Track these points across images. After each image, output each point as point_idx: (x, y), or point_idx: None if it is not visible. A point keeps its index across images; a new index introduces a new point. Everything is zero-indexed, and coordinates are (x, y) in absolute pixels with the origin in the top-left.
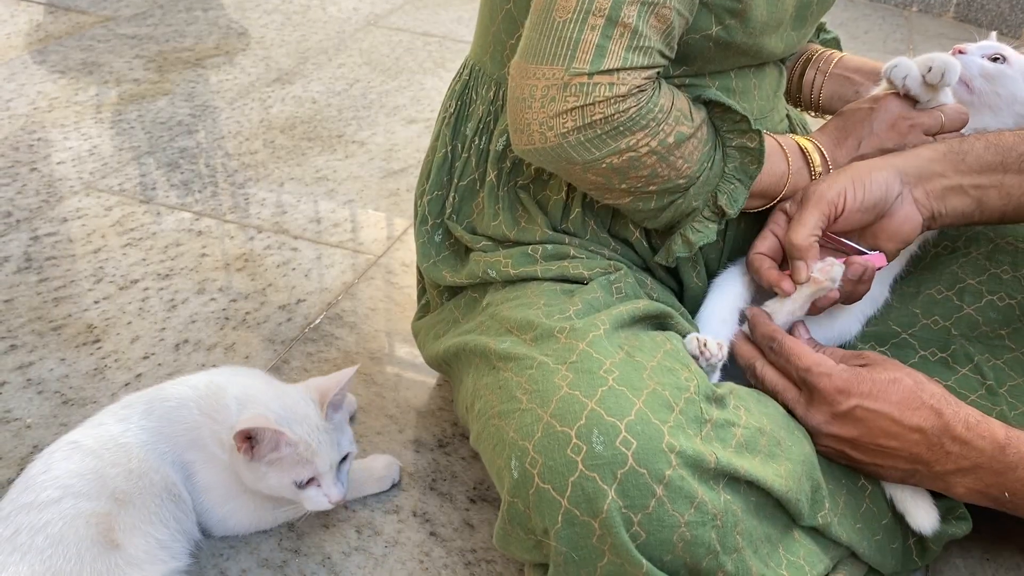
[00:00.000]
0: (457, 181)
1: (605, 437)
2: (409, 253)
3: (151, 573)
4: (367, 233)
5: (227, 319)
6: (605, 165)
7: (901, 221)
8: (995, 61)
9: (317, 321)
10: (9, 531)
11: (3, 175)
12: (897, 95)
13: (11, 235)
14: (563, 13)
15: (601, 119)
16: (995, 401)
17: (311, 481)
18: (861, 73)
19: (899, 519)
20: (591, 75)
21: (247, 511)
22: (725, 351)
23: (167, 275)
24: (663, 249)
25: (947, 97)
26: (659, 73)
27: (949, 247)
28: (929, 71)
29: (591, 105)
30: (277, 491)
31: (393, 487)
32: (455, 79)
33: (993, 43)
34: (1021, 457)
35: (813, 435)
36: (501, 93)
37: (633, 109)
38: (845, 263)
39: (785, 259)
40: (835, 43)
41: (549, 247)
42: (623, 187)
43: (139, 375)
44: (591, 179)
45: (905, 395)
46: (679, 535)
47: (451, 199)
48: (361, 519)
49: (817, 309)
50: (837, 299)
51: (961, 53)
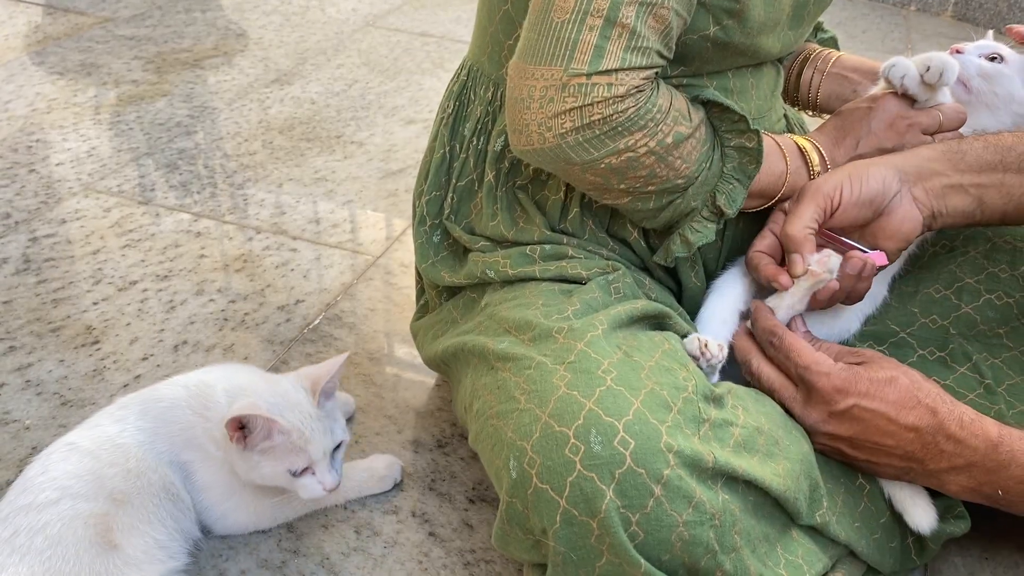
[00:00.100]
0: (455, 182)
1: (603, 437)
2: (408, 254)
3: (149, 573)
4: (366, 234)
5: (226, 320)
6: (604, 165)
7: (901, 219)
8: (992, 60)
9: (316, 322)
10: (8, 532)
11: (2, 177)
12: (895, 94)
13: (10, 236)
14: (561, 14)
15: (599, 119)
16: (993, 400)
17: (305, 470)
18: (859, 72)
19: (898, 518)
20: (589, 76)
21: (246, 509)
22: (725, 352)
23: (166, 276)
24: (661, 249)
25: (945, 96)
26: (657, 73)
27: (947, 246)
28: (927, 70)
29: (589, 106)
30: (271, 480)
31: (394, 487)
32: (453, 80)
33: (990, 43)
34: (1013, 455)
35: (809, 432)
36: (499, 94)
37: (631, 109)
38: (844, 259)
39: (784, 257)
40: (832, 42)
41: (547, 247)
42: (622, 187)
43: (138, 376)
44: (590, 179)
45: (901, 394)
46: (677, 535)
47: (449, 199)
48: (360, 519)
49: (818, 302)
50: (836, 290)
51: (959, 53)
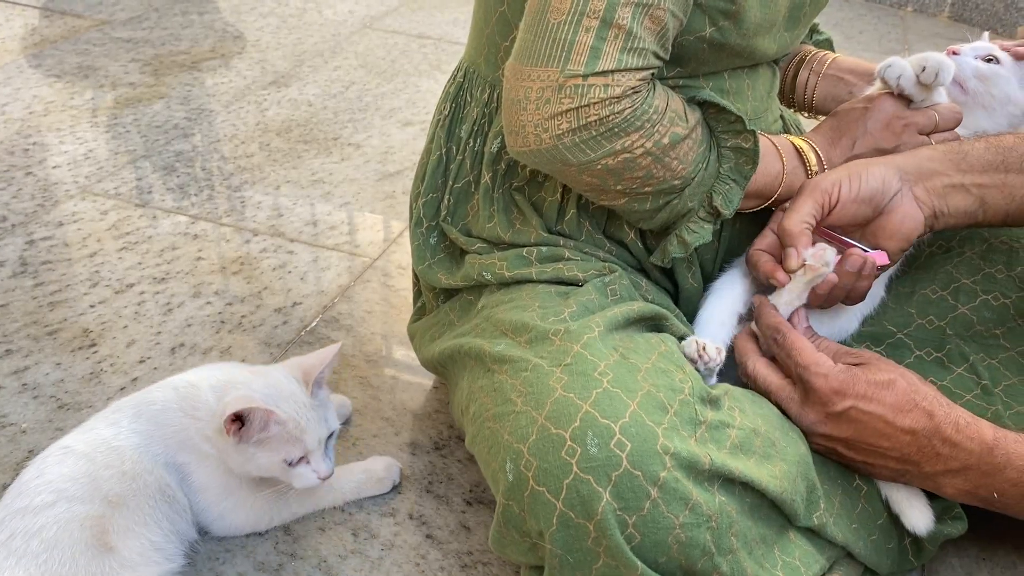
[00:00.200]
0: (452, 183)
1: (599, 439)
2: (405, 256)
3: (145, 575)
4: (363, 236)
5: (223, 322)
6: (600, 166)
7: (902, 218)
8: (988, 62)
9: (313, 324)
10: (4, 536)
11: None
12: (891, 95)
13: (6, 239)
14: (557, 15)
15: (596, 121)
16: (990, 401)
17: (300, 460)
18: (854, 74)
19: (895, 519)
20: (586, 77)
21: (244, 509)
22: (723, 355)
23: (163, 279)
24: (658, 250)
25: (941, 96)
26: (654, 74)
27: (944, 247)
28: (923, 71)
29: (586, 107)
30: (267, 471)
31: (392, 489)
32: (449, 81)
33: (986, 44)
34: (1008, 458)
35: (806, 433)
36: (496, 95)
37: (628, 110)
38: (844, 256)
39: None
40: (828, 44)
41: (544, 249)
42: (618, 188)
43: (135, 379)
44: (586, 180)
45: (899, 398)
46: (674, 537)
47: (446, 201)
48: (357, 522)
49: (818, 298)
50: (836, 286)
51: (955, 54)
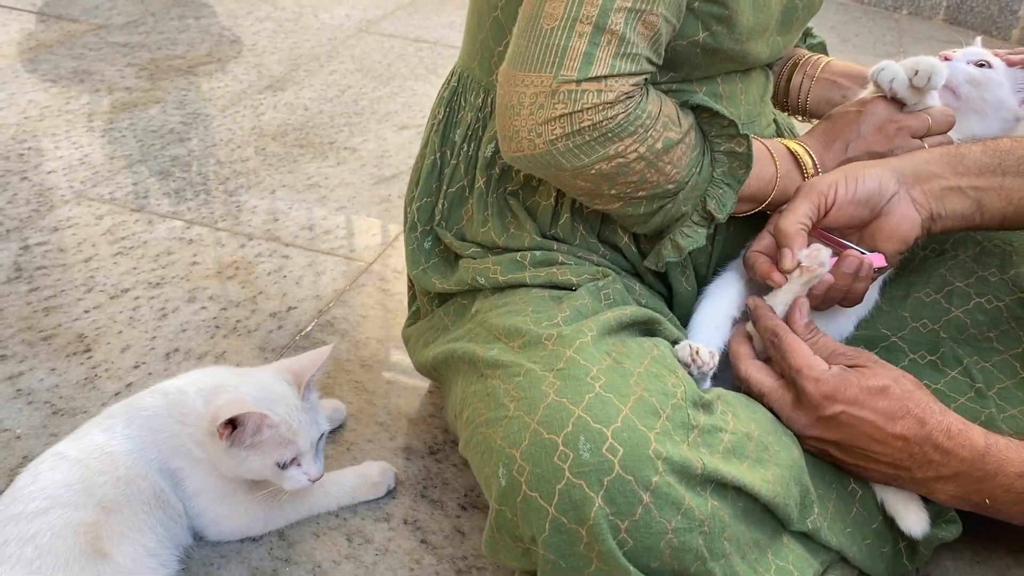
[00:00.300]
0: (446, 188)
1: (592, 444)
2: (401, 260)
3: None
4: (359, 240)
5: (218, 327)
6: (594, 171)
7: (899, 220)
8: (981, 67)
9: (308, 328)
10: None
11: None
12: (884, 98)
13: (1, 245)
14: (551, 20)
15: (589, 126)
16: (984, 404)
17: (291, 461)
18: (848, 77)
19: (889, 523)
20: (579, 82)
21: (238, 513)
22: (716, 359)
23: (158, 284)
24: (652, 254)
25: (933, 100)
26: (647, 79)
27: (937, 250)
28: (916, 74)
29: (579, 112)
30: (258, 474)
31: (386, 494)
32: (444, 86)
33: (979, 49)
34: (1000, 465)
35: (798, 435)
36: (490, 100)
37: (621, 115)
38: (841, 257)
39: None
40: (821, 48)
41: (538, 254)
42: (612, 193)
43: (129, 384)
44: (580, 185)
45: (891, 404)
46: (666, 542)
47: (440, 206)
48: (352, 527)
49: (815, 299)
50: (833, 287)
51: (947, 59)
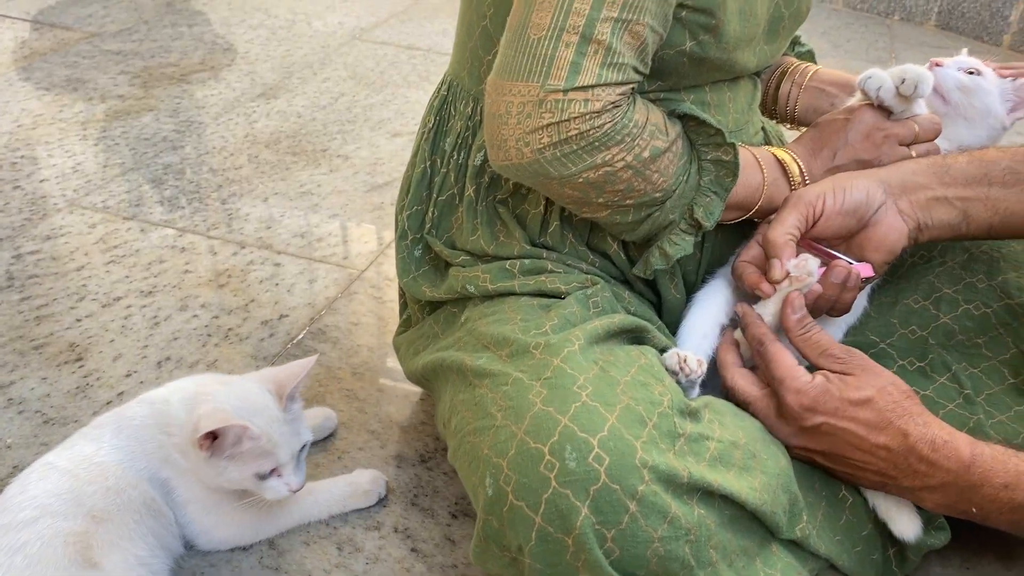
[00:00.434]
0: (436, 196)
1: (578, 453)
2: (393, 267)
3: None
4: (351, 247)
5: (209, 335)
6: (582, 180)
7: (886, 231)
8: (971, 75)
9: (300, 336)
10: None
11: None
12: (871, 106)
13: None
14: (537, 30)
15: (576, 135)
16: (972, 410)
17: (272, 472)
18: (836, 85)
19: (879, 530)
20: (566, 92)
21: (228, 522)
22: (704, 367)
23: (150, 292)
24: (641, 262)
25: (920, 108)
26: (634, 89)
27: (925, 256)
28: (902, 82)
29: (566, 121)
30: (238, 484)
31: (377, 502)
32: (434, 94)
33: (968, 58)
34: (985, 475)
35: (784, 443)
36: (479, 108)
37: (608, 125)
38: (829, 267)
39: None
40: (810, 56)
41: (527, 262)
42: (600, 201)
43: (121, 393)
44: (568, 193)
45: (873, 415)
46: (653, 551)
47: (430, 214)
48: (342, 536)
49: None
50: (821, 296)
51: (938, 66)
